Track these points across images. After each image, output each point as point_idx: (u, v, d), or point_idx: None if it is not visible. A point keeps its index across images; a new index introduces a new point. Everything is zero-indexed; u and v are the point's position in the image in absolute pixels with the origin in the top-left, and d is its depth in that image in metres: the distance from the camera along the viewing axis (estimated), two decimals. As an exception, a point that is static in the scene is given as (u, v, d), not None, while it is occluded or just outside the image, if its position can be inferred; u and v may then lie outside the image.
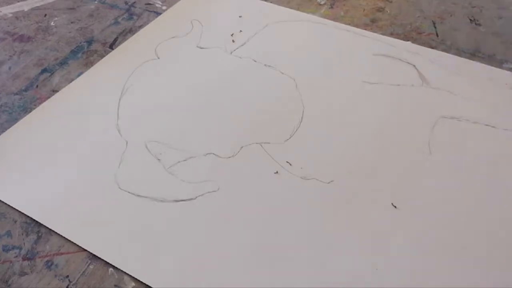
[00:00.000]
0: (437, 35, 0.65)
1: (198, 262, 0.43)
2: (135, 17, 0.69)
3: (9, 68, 0.63)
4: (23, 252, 0.44)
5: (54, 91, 0.59)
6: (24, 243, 0.45)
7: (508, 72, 0.58)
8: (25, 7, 0.72)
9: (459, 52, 0.62)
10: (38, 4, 0.73)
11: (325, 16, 0.68)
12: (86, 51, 0.65)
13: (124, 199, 0.47)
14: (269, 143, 0.52)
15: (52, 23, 0.69)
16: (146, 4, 0.72)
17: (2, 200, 0.48)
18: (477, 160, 0.49)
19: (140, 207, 0.47)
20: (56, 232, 0.45)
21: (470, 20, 0.67)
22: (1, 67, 0.63)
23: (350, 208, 0.46)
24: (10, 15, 0.71)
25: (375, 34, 0.64)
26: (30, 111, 0.57)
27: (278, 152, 0.51)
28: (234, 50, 0.63)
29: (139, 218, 0.46)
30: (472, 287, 0.40)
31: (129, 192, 0.48)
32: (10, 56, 0.65)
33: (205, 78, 0.59)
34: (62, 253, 0.44)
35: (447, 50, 0.62)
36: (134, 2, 0.72)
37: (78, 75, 0.61)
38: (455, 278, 0.41)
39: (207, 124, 0.54)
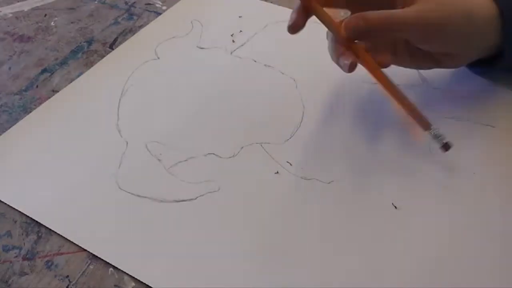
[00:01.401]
0: (437, 35, 0.65)
1: (198, 262, 0.43)
2: (135, 17, 0.69)
3: (9, 68, 0.63)
4: (23, 252, 0.44)
5: (54, 91, 0.59)
6: (24, 243, 0.45)
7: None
8: (25, 7, 0.72)
9: (459, 52, 0.62)
10: (38, 4, 0.73)
11: (325, 16, 0.68)
12: (86, 51, 0.65)
13: (124, 199, 0.47)
14: (269, 143, 0.52)
15: (52, 23, 0.69)
16: (146, 4, 0.72)
17: (2, 200, 0.48)
18: (477, 160, 0.49)
19: (140, 207, 0.47)
20: (56, 232, 0.45)
21: (470, 20, 0.67)
22: (1, 67, 0.63)
23: (350, 208, 0.46)
24: (10, 15, 0.71)
25: (375, 34, 0.64)
26: (30, 111, 0.57)
27: (279, 152, 0.51)
28: (234, 50, 0.63)
29: (139, 218, 0.46)
30: None
31: (129, 192, 0.48)
32: (10, 56, 0.65)
33: (205, 78, 0.59)
34: (62, 253, 0.44)
35: (447, 50, 0.62)
36: (134, 2, 0.72)
37: (78, 75, 0.61)
38: (456, 278, 0.41)
39: (207, 124, 0.54)
